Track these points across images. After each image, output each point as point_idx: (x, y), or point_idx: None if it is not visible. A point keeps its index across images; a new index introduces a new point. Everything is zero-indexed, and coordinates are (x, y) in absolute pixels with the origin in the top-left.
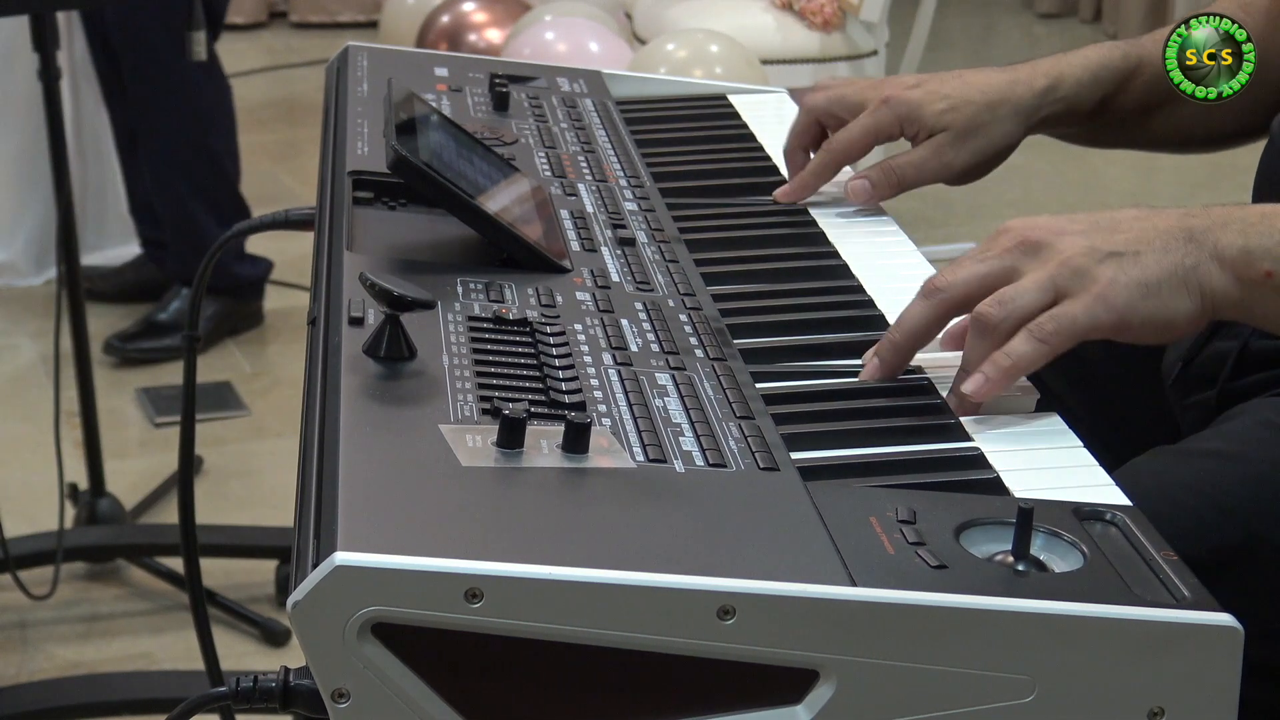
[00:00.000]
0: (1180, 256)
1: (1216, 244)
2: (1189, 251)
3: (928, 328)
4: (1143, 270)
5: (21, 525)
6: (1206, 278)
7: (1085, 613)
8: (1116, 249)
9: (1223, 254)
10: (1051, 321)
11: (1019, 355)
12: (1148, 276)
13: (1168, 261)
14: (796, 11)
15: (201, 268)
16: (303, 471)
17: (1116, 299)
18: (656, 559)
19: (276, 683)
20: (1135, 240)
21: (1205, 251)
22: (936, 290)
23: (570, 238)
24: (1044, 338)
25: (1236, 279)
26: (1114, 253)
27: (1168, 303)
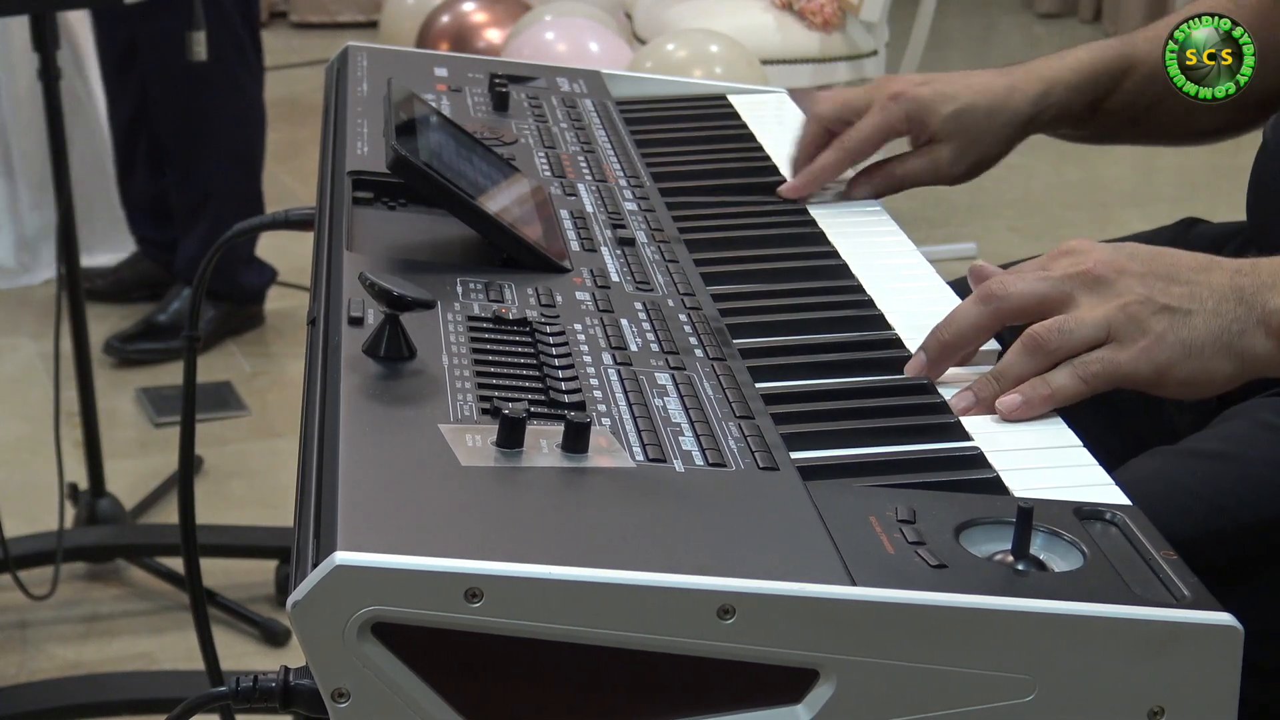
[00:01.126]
0: (1229, 321)
1: (1264, 307)
2: (1238, 316)
3: (978, 332)
4: (1191, 331)
5: (21, 525)
6: (1250, 343)
7: (1085, 612)
8: (1171, 303)
9: (1269, 319)
10: (1098, 364)
11: (1058, 388)
12: (1194, 338)
13: (1215, 325)
14: (796, 11)
15: (202, 268)
16: (303, 471)
17: (1160, 356)
18: (656, 559)
19: (276, 682)
20: (1189, 297)
21: (1254, 316)
22: (994, 297)
23: (570, 238)
24: (1086, 378)
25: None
26: (1168, 307)
27: (1208, 365)
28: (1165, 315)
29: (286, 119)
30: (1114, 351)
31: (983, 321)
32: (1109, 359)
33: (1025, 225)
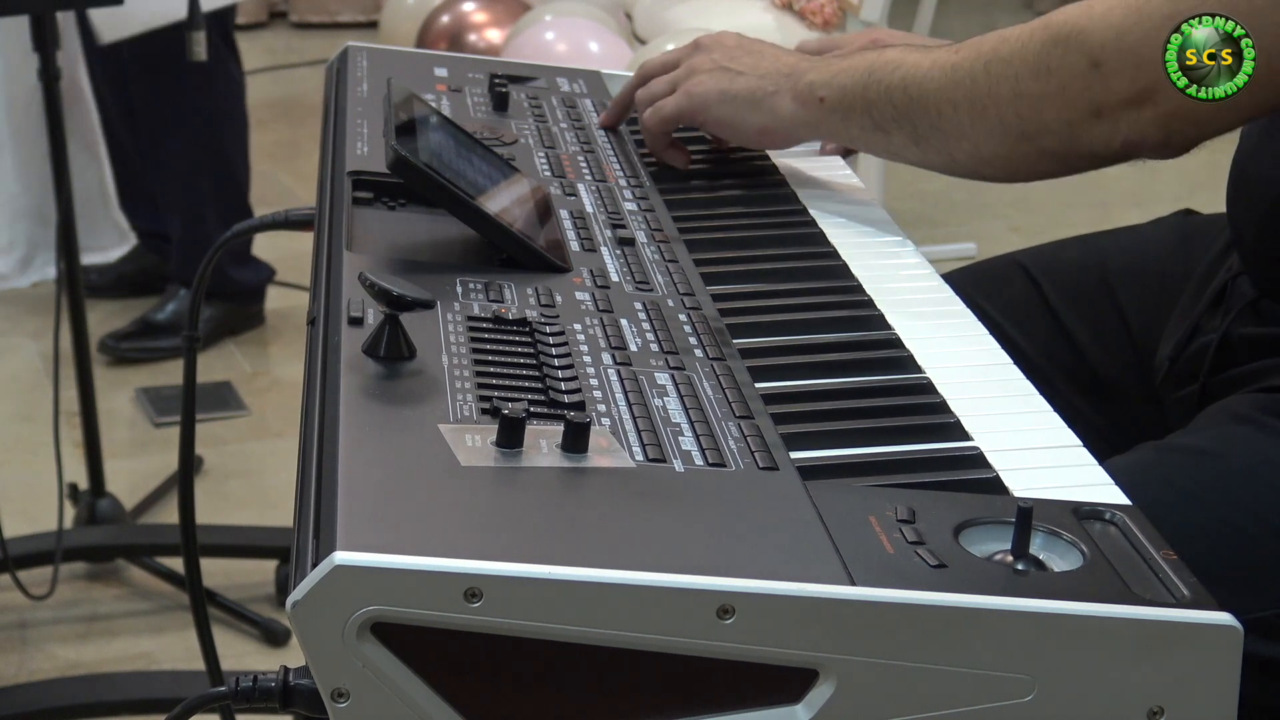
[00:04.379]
0: (768, 84)
1: (798, 79)
2: (777, 83)
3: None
4: (731, 83)
5: (21, 525)
6: (778, 102)
7: (1085, 612)
8: (729, 65)
9: (798, 87)
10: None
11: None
12: (732, 89)
13: (755, 85)
14: (796, 11)
15: (201, 268)
16: (302, 471)
17: (697, 92)
18: (656, 558)
19: (276, 682)
20: (749, 66)
21: (788, 84)
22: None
23: (570, 238)
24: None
25: (802, 105)
26: (725, 67)
27: (739, 112)
28: (719, 71)
29: (286, 119)
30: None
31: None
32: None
33: (1025, 225)
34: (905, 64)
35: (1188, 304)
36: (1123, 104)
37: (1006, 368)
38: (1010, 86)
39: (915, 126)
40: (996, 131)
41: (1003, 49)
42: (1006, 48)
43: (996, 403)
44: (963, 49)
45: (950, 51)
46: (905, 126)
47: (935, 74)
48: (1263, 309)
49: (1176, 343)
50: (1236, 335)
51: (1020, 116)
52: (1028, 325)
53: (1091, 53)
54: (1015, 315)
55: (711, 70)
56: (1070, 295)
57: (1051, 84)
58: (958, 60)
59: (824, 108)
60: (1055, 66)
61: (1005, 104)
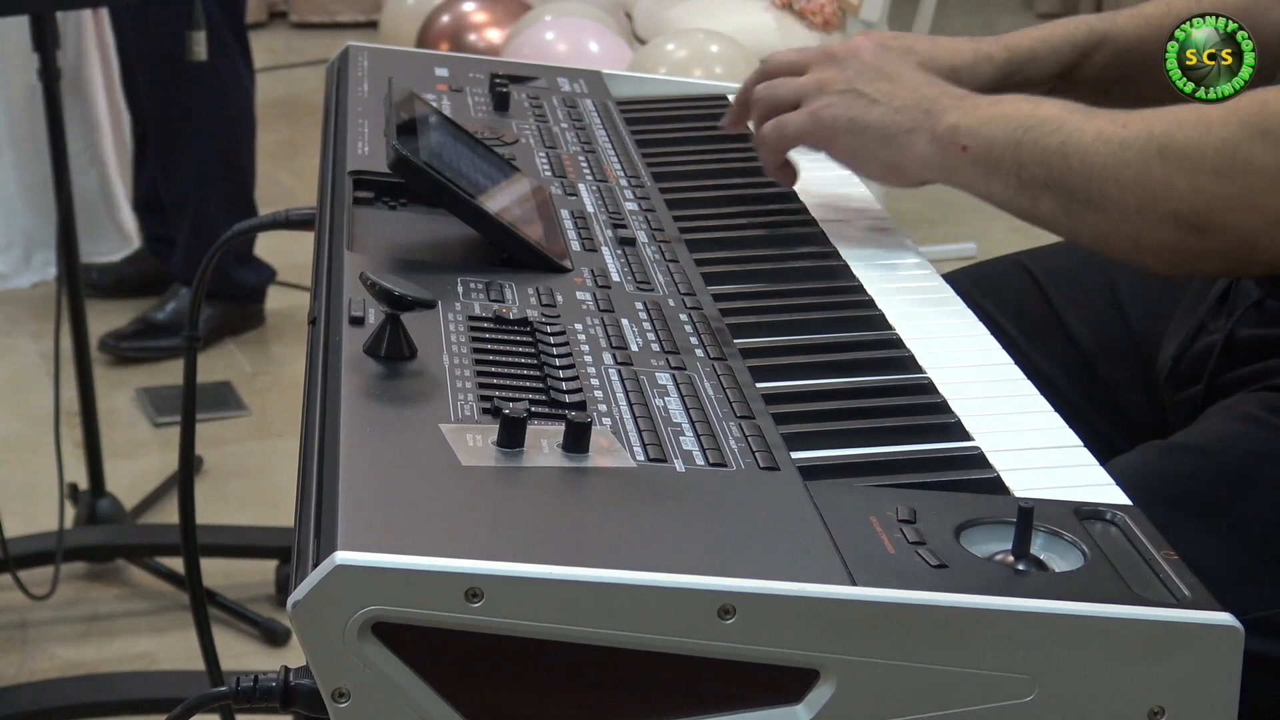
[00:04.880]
0: (904, 119)
1: (939, 119)
2: (914, 119)
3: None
4: (864, 114)
5: (21, 525)
6: (915, 142)
7: (1085, 612)
8: (863, 89)
9: (937, 128)
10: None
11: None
12: (865, 120)
13: (890, 119)
14: (796, 11)
15: (202, 268)
16: (303, 471)
17: (825, 118)
18: (657, 558)
19: (277, 682)
20: (885, 93)
21: (927, 123)
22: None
23: (570, 237)
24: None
25: (940, 149)
26: (858, 90)
27: (867, 145)
28: (851, 95)
29: (286, 119)
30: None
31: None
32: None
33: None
34: (1067, 126)
35: (1191, 304)
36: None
37: (1007, 368)
38: (1189, 182)
39: (1071, 198)
40: (1168, 223)
41: (1179, 134)
42: (1183, 133)
43: (997, 403)
44: (1131, 122)
45: (1118, 124)
46: (1058, 195)
47: (1101, 147)
48: (1267, 309)
49: (1180, 343)
50: (1240, 335)
51: (1197, 213)
52: (1029, 325)
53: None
54: (1017, 315)
55: (844, 93)
56: (1072, 295)
57: (1236, 185)
58: (1126, 137)
59: (965, 157)
60: (1241, 166)
61: (1182, 199)
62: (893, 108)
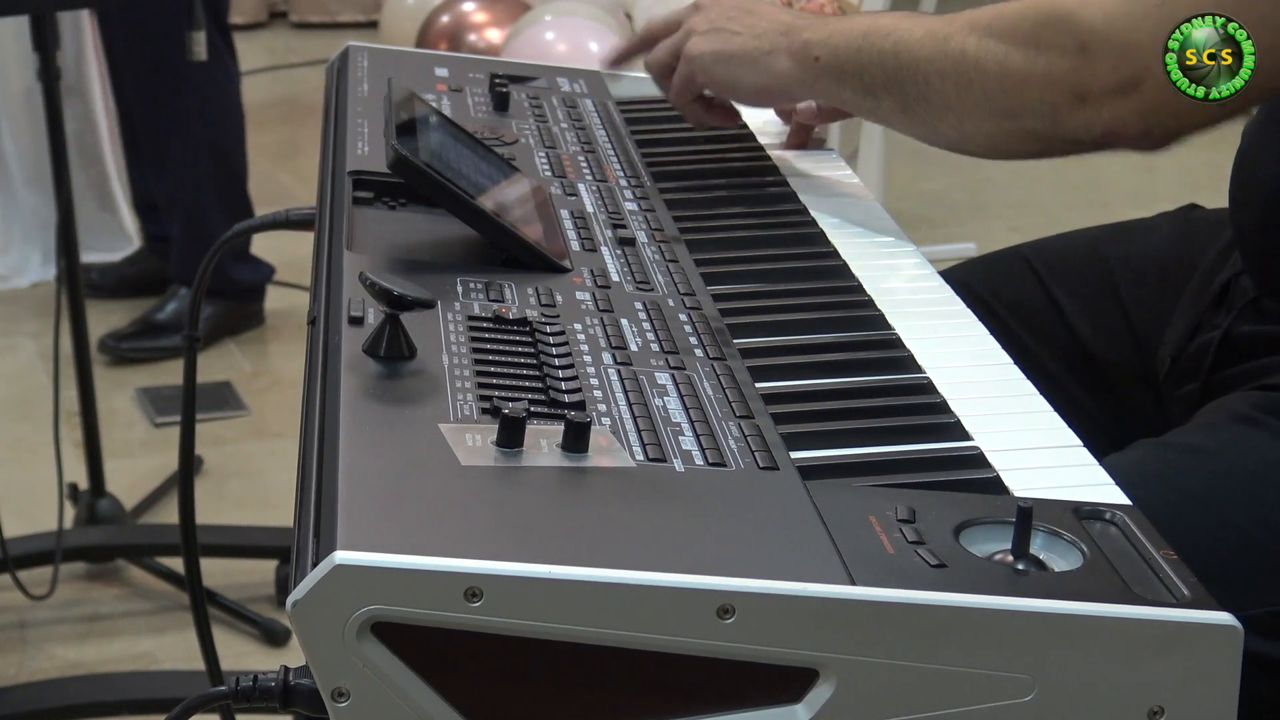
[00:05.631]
0: (763, 43)
1: (794, 38)
2: (774, 42)
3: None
4: (725, 43)
5: (21, 525)
6: (776, 61)
7: (1085, 612)
8: (725, 26)
9: (792, 45)
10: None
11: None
12: (728, 49)
13: (751, 45)
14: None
15: (202, 268)
16: (303, 471)
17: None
18: (656, 558)
19: (276, 682)
20: (748, 25)
21: (785, 43)
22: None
23: (570, 237)
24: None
25: (798, 64)
26: (719, 28)
27: (734, 71)
28: (714, 33)
29: (286, 119)
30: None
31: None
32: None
33: (1025, 225)
34: (899, 30)
35: (1190, 301)
36: (1107, 92)
37: (1007, 368)
38: (997, 63)
39: (904, 94)
40: (981, 107)
41: (995, 24)
42: (999, 23)
43: (997, 402)
44: (956, 20)
45: (944, 22)
46: (894, 93)
47: (927, 42)
48: (1264, 307)
49: (1179, 340)
50: (1238, 333)
51: (1005, 93)
52: (1030, 318)
53: (1080, 36)
54: (1018, 308)
55: (707, 32)
56: (1073, 288)
57: (1038, 64)
58: (950, 31)
59: (818, 67)
60: (1043, 47)
61: (991, 80)
62: (753, 34)
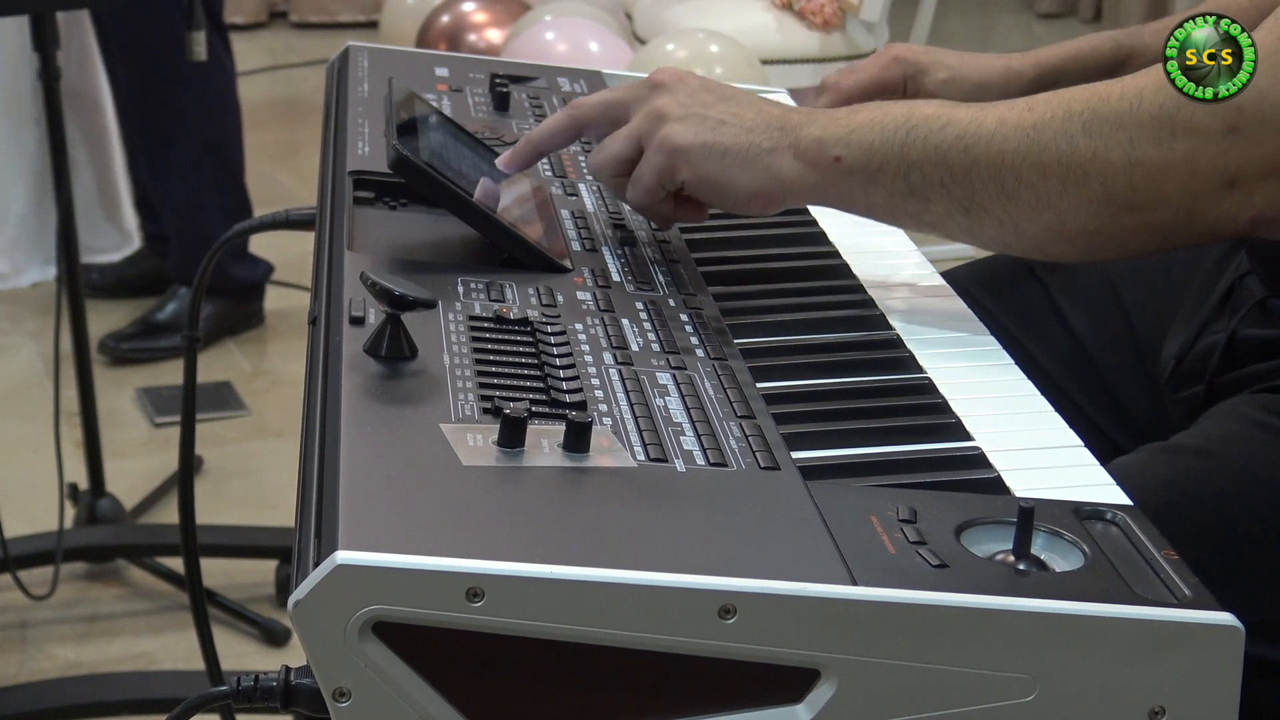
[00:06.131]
0: (760, 138)
1: (798, 135)
2: (771, 138)
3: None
4: (716, 136)
5: (21, 525)
6: (778, 161)
7: (1086, 612)
8: (705, 114)
9: (800, 143)
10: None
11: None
12: (721, 143)
13: (745, 140)
14: (796, 11)
15: (201, 268)
16: (303, 471)
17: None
18: (657, 558)
19: (277, 682)
20: (731, 114)
21: (787, 139)
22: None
23: (571, 237)
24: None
25: (809, 165)
26: (698, 115)
27: (727, 170)
28: (694, 120)
29: (286, 119)
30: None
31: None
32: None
33: None
34: (958, 120)
35: (1193, 304)
36: (1262, 174)
37: (1008, 368)
38: (1123, 153)
39: (973, 193)
40: (1096, 202)
41: (1104, 108)
42: (1110, 108)
43: (998, 403)
44: (1037, 105)
45: (1022, 109)
46: (956, 192)
47: (1010, 135)
48: (1270, 309)
49: (1183, 343)
50: (1243, 336)
51: (1134, 187)
52: (1031, 323)
53: (1228, 117)
54: (1019, 313)
55: (685, 118)
56: (1074, 293)
57: (1176, 151)
58: (1039, 119)
59: (840, 168)
60: (1180, 132)
61: (1116, 173)
62: (744, 128)
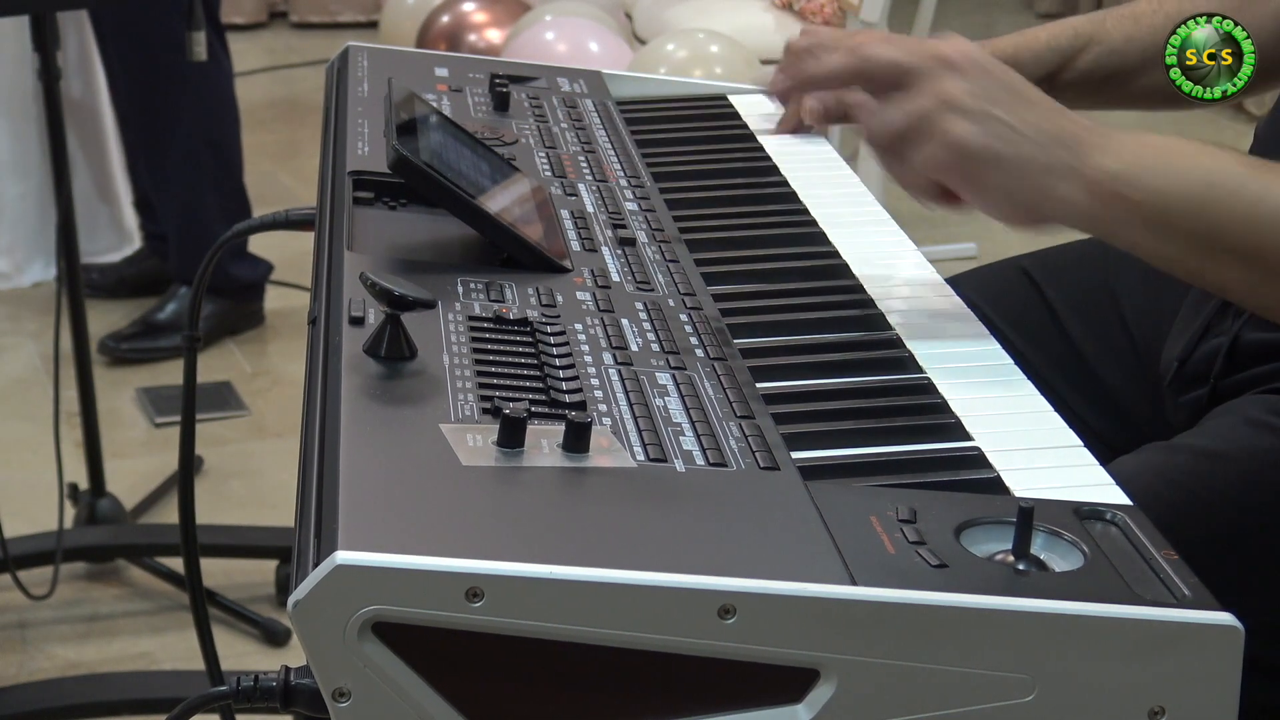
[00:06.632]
0: (1044, 156)
1: (1087, 161)
2: (1057, 156)
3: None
4: (1004, 145)
5: (21, 525)
6: (1062, 185)
7: (1085, 612)
8: (1001, 116)
9: (1090, 175)
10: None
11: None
12: (1006, 154)
13: (1030, 154)
14: (796, 11)
15: (202, 268)
16: (303, 471)
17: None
18: (657, 558)
19: (277, 682)
20: (1029, 123)
21: (1072, 162)
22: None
23: (570, 238)
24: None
25: (1095, 198)
26: (990, 114)
27: (1005, 182)
28: (986, 119)
29: (286, 119)
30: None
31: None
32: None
33: None
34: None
35: (1195, 307)
36: None
37: (1007, 368)
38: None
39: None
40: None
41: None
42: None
43: (997, 403)
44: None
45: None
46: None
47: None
48: None
49: (1185, 345)
50: (1246, 339)
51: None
52: (1029, 329)
53: None
54: (1017, 319)
55: (974, 113)
56: (1072, 299)
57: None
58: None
59: (1126, 207)
60: None
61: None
62: (1036, 141)
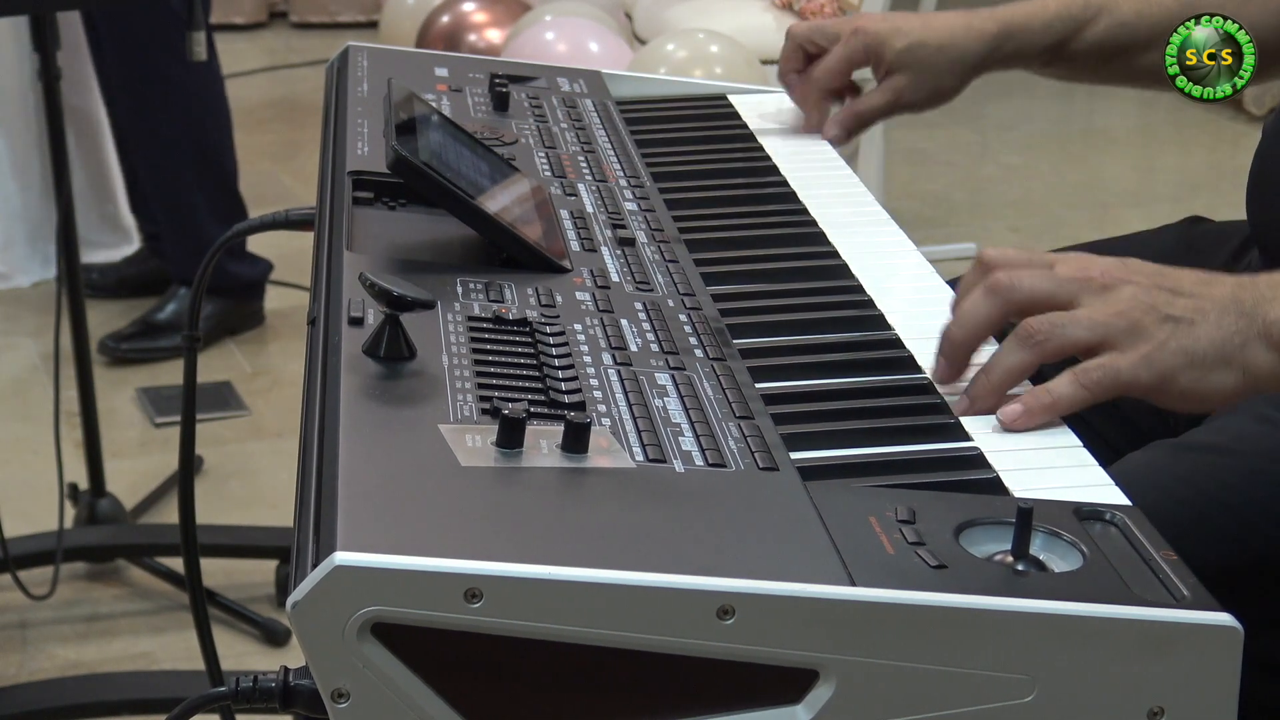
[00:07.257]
0: (1230, 332)
1: (1265, 319)
2: (1239, 328)
3: (989, 325)
4: (1193, 340)
5: (21, 525)
6: (1252, 355)
7: (1085, 612)
8: (1174, 313)
9: (1269, 330)
10: (1098, 370)
11: (1059, 395)
12: (1197, 347)
13: (1218, 336)
14: (796, 11)
15: (201, 268)
16: (302, 471)
17: (1162, 363)
18: (656, 559)
19: (276, 683)
20: (1192, 309)
21: (1255, 328)
22: (1001, 290)
23: (570, 238)
24: (1088, 384)
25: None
26: (1171, 316)
27: (1209, 375)
28: (1169, 324)
29: (286, 119)
30: (1114, 358)
31: (993, 314)
32: (1110, 365)
33: (1025, 225)
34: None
35: None
36: None
37: None
38: None
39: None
40: None
41: None
42: None
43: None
44: None
45: None
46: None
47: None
48: None
49: None
50: None
51: None
52: None
53: None
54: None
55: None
56: None
57: None
58: None
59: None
60: None
61: None
62: (1210, 321)
